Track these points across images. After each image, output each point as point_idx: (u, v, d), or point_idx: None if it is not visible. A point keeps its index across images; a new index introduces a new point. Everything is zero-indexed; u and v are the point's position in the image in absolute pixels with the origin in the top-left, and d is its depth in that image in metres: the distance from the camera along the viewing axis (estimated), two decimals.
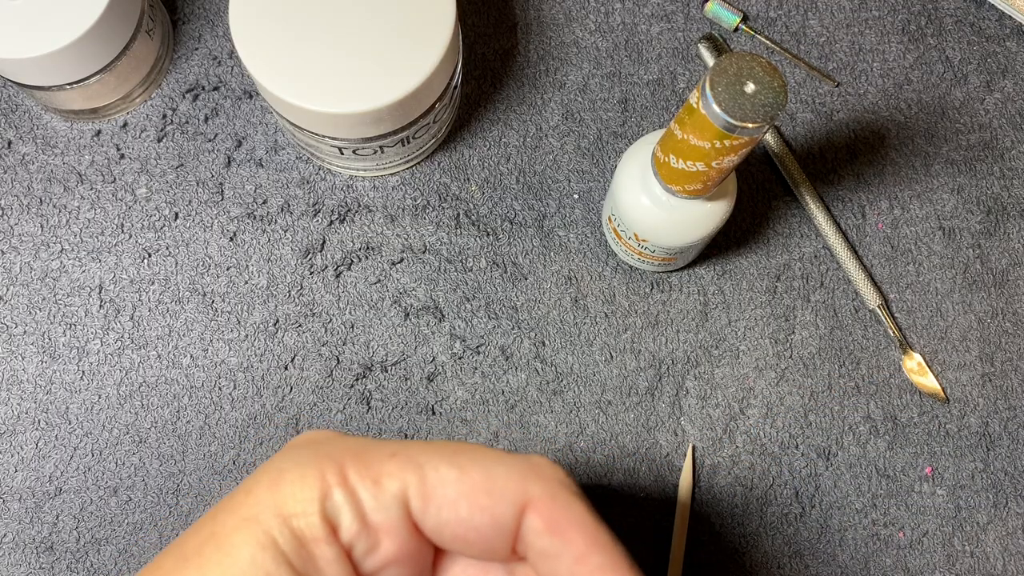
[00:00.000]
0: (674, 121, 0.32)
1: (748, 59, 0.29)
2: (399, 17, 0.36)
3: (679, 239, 0.37)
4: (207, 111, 0.43)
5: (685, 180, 0.33)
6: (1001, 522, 0.41)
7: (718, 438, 0.42)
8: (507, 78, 0.44)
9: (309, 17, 0.36)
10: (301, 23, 0.36)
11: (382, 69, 0.35)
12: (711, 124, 0.29)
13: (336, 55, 0.35)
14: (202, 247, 0.42)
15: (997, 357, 0.42)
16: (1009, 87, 0.45)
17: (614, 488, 0.41)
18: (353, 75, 0.35)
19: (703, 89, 0.29)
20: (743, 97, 0.29)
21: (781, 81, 0.29)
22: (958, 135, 0.44)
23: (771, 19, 0.45)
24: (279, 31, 0.36)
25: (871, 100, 0.44)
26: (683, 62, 0.44)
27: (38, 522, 0.40)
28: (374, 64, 0.35)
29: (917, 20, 0.45)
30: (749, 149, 0.31)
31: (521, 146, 0.44)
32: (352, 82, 0.35)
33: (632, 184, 0.37)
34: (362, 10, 0.36)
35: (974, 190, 0.44)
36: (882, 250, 0.43)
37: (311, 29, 0.36)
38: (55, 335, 0.42)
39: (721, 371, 0.42)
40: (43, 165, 0.43)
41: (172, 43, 0.44)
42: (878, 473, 0.41)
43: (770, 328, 0.42)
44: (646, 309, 0.43)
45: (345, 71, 0.35)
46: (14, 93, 0.43)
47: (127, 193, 0.43)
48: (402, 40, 0.35)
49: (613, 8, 0.45)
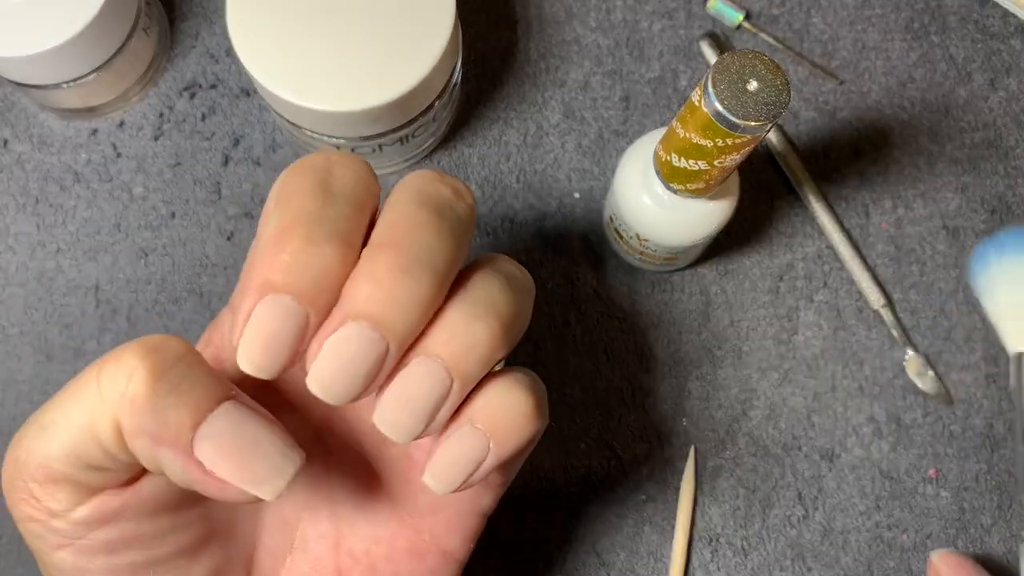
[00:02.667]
0: (676, 119, 0.32)
1: (751, 57, 0.29)
2: (398, 14, 0.35)
3: (681, 239, 0.36)
4: (204, 109, 0.43)
5: (687, 179, 0.33)
6: (1005, 524, 0.41)
7: (720, 439, 0.41)
8: (507, 76, 0.44)
9: (308, 14, 0.35)
10: (299, 20, 0.35)
11: (381, 67, 0.35)
12: (713, 122, 0.29)
13: (335, 53, 0.35)
14: (199, 246, 0.42)
15: (1002, 358, 0.42)
16: (1013, 85, 0.44)
17: (615, 491, 0.41)
18: (351, 73, 0.35)
19: (705, 87, 0.29)
20: (746, 95, 0.28)
21: (784, 79, 0.29)
22: (962, 134, 0.44)
23: (774, 16, 0.45)
24: (277, 28, 0.35)
25: (874, 98, 0.44)
26: (685, 60, 0.44)
27: None
28: (373, 62, 0.35)
29: (920, 18, 0.45)
30: (752, 147, 0.30)
31: (521, 145, 0.43)
32: (350, 80, 0.35)
33: (633, 183, 0.36)
34: (361, 7, 0.35)
35: (978, 189, 0.43)
36: (886, 250, 0.43)
37: (309, 26, 0.35)
38: (51, 335, 0.41)
39: (723, 372, 0.42)
40: (39, 164, 0.43)
41: (169, 41, 0.44)
42: (882, 475, 0.41)
43: (773, 328, 0.42)
44: (647, 309, 0.42)
45: (343, 69, 0.35)
46: (10, 91, 0.43)
47: (124, 192, 0.42)
48: (401, 37, 0.35)
49: (614, 5, 0.44)
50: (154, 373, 0.22)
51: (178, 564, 0.26)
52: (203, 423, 0.22)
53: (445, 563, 0.29)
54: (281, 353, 0.23)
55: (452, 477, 0.24)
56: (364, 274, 0.23)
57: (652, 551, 0.41)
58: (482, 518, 0.30)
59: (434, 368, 0.23)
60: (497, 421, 0.24)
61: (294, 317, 0.22)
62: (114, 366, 0.23)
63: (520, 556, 0.40)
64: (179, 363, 0.23)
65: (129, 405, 0.22)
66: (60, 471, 0.23)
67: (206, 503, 0.27)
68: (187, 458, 0.22)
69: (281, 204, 0.24)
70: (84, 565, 0.25)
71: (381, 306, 0.23)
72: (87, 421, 0.23)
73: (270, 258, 0.23)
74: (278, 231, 0.23)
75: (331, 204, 0.24)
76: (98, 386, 0.23)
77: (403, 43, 0.35)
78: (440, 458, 0.24)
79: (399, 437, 0.24)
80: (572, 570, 0.40)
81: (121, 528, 0.25)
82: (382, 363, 0.23)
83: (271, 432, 0.23)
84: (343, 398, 0.23)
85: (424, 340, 0.24)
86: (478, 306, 0.24)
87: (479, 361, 0.24)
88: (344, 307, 0.23)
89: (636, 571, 0.41)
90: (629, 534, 0.41)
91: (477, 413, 0.24)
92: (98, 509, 0.24)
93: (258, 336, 0.22)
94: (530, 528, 0.41)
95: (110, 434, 0.23)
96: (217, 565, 0.27)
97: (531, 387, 0.25)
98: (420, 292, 0.23)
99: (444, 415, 0.24)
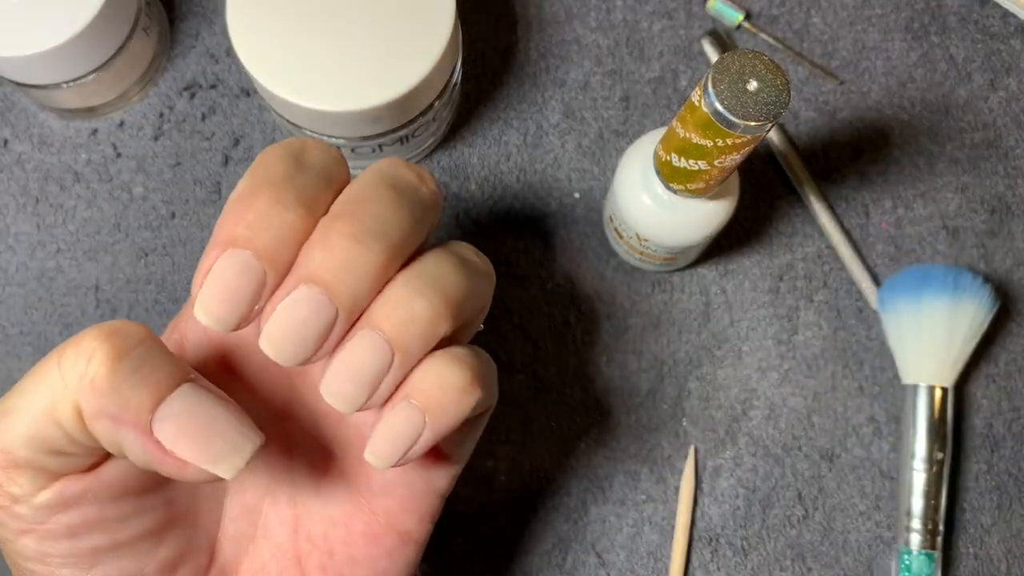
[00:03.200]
0: (676, 119, 0.32)
1: (751, 57, 0.29)
2: (398, 14, 0.35)
3: (681, 239, 0.36)
4: (204, 109, 0.43)
5: (687, 179, 0.33)
6: (1005, 524, 0.41)
7: (720, 440, 0.41)
8: (507, 76, 0.44)
9: (308, 14, 0.35)
10: (299, 20, 0.35)
11: (381, 66, 0.35)
12: (713, 122, 0.29)
13: (335, 52, 0.35)
14: (199, 247, 0.42)
15: (1001, 358, 0.42)
16: (1013, 85, 0.44)
17: (615, 490, 0.41)
18: (352, 73, 0.35)
19: (705, 87, 0.29)
20: (746, 95, 0.28)
21: (784, 79, 0.29)
22: (962, 134, 0.44)
23: (774, 16, 0.45)
24: (277, 28, 0.35)
25: (874, 98, 0.44)
26: (685, 59, 0.44)
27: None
28: (373, 61, 0.35)
29: (920, 18, 0.45)
30: (752, 147, 0.30)
31: (521, 145, 0.43)
32: (351, 80, 0.35)
33: (633, 183, 0.36)
34: (361, 7, 0.35)
35: (978, 189, 0.43)
36: (886, 250, 0.43)
37: (309, 26, 0.35)
38: (51, 335, 0.41)
39: (723, 372, 0.42)
40: (39, 164, 0.43)
41: (169, 41, 0.44)
42: (881, 475, 0.41)
43: (773, 328, 0.42)
44: (647, 309, 0.42)
45: (344, 69, 0.35)
46: (10, 91, 0.43)
47: (124, 192, 0.42)
48: (402, 37, 0.35)
49: (614, 5, 0.44)
50: (114, 355, 0.23)
51: (141, 548, 0.26)
52: (162, 403, 0.23)
53: (403, 544, 0.29)
54: (238, 307, 0.23)
55: (390, 452, 0.25)
56: (319, 241, 0.24)
57: (652, 551, 0.41)
58: (439, 498, 0.30)
59: (376, 340, 0.24)
60: (431, 396, 0.25)
61: (252, 272, 0.23)
62: (74, 350, 0.23)
63: (520, 556, 0.40)
64: (139, 346, 0.23)
65: (89, 387, 0.23)
66: (22, 456, 0.24)
67: (169, 487, 0.28)
68: (147, 438, 0.23)
69: (254, 170, 0.25)
70: (47, 550, 0.25)
71: (332, 272, 0.23)
72: (48, 405, 0.23)
73: (236, 215, 0.24)
74: (247, 190, 0.24)
75: (302, 172, 0.25)
76: (59, 370, 0.23)
77: (403, 43, 0.35)
78: (379, 433, 0.25)
79: (343, 407, 0.24)
80: (572, 570, 0.40)
81: (84, 512, 0.25)
82: (331, 328, 0.24)
83: (229, 412, 0.24)
84: (293, 359, 0.24)
85: (369, 312, 0.24)
86: (423, 281, 0.25)
87: (419, 335, 0.24)
88: (298, 271, 0.24)
89: (636, 571, 0.41)
90: (629, 534, 0.41)
91: (413, 389, 0.25)
92: (60, 494, 0.24)
93: (216, 289, 0.23)
94: (530, 528, 0.41)
95: (71, 417, 0.23)
96: (180, 550, 0.28)
97: (468, 362, 0.25)
98: (371, 260, 0.24)
99: (386, 387, 0.24)
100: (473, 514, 0.41)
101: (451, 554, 0.40)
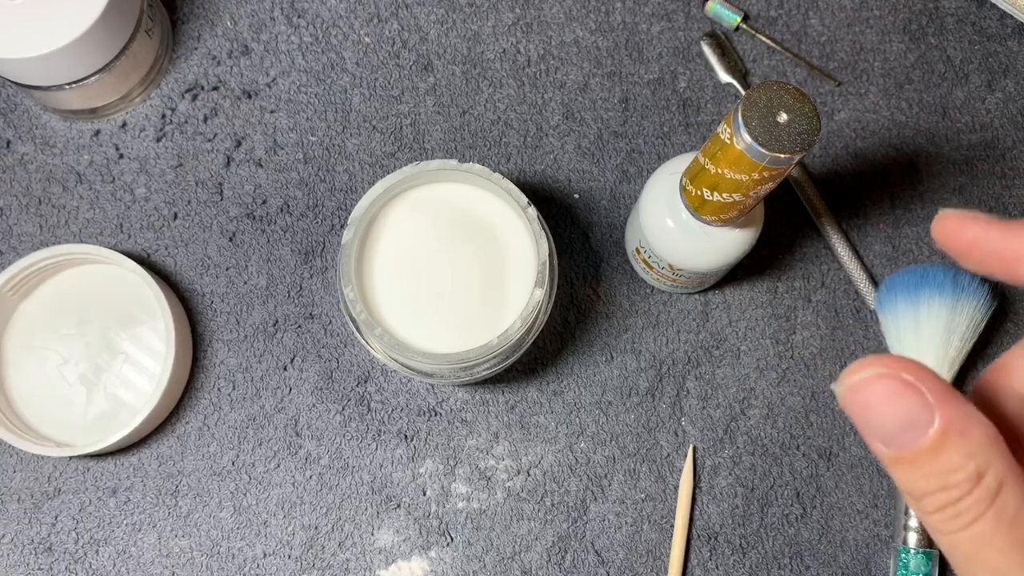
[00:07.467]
0: (703, 155, 0.31)
1: (776, 88, 0.28)
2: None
3: (715, 263, 0.37)
4: (206, 111, 0.43)
5: (721, 211, 0.33)
6: None
7: (719, 439, 0.41)
8: (507, 77, 0.44)
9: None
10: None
11: None
12: (747, 157, 0.29)
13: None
14: (201, 247, 0.42)
15: (998, 358, 0.42)
16: (1010, 87, 0.44)
17: (614, 489, 0.41)
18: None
19: (735, 124, 0.28)
20: (777, 128, 0.28)
21: (812, 106, 0.28)
22: (959, 135, 0.44)
23: (772, 18, 0.45)
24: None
25: (872, 99, 0.44)
26: (684, 61, 0.44)
27: (37, 523, 0.40)
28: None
29: (918, 19, 0.45)
30: (787, 172, 0.30)
31: (521, 146, 0.44)
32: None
33: (660, 216, 0.36)
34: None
35: (975, 190, 0.44)
36: (883, 250, 0.43)
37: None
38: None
39: (722, 371, 0.42)
40: (42, 165, 0.43)
41: (171, 43, 0.44)
42: (879, 474, 0.41)
43: (771, 328, 0.42)
44: (647, 309, 0.42)
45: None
46: (13, 93, 0.43)
47: (126, 193, 0.43)
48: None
49: (613, 7, 0.45)
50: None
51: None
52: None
53: None
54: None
55: None
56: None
57: (651, 549, 0.41)
58: None
59: None
60: None
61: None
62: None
63: (520, 554, 0.41)
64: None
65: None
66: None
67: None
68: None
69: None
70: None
71: None
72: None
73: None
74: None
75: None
76: None
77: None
78: None
79: None
80: (572, 568, 0.41)
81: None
82: None
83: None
84: None
85: None
86: None
87: None
88: None
89: (635, 569, 0.41)
90: (628, 532, 0.41)
91: None
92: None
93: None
94: (530, 526, 0.41)
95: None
96: None
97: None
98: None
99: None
100: (473, 513, 0.41)
101: (452, 554, 0.40)
